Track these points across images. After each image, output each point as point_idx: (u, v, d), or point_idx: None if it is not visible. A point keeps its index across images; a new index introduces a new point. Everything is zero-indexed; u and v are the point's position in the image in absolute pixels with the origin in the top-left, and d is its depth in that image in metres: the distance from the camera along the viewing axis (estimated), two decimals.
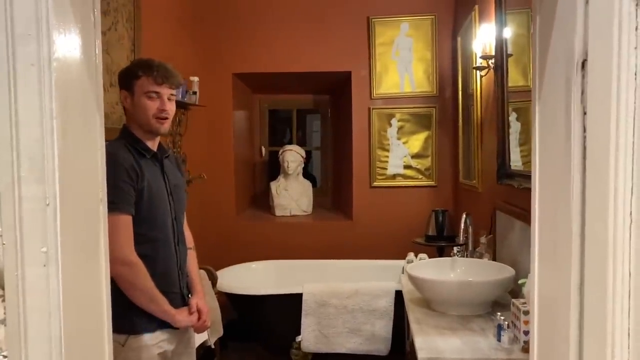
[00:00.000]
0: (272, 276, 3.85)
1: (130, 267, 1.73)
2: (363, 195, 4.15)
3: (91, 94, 1.00)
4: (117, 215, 1.70)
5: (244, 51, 4.13)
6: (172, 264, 1.92)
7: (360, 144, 4.14)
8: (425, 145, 4.12)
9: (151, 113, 1.83)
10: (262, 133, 4.96)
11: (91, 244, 0.99)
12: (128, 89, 1.85)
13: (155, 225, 1.85)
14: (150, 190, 1.82)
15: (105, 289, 1.04)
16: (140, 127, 1.87)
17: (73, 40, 0.94)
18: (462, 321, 2.03)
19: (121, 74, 1.90)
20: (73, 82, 0.94)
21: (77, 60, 0.95)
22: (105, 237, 1.03)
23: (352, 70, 4.12)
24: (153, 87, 1.82)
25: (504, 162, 2.55)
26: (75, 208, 0.93)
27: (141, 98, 1.82)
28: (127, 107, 1.88)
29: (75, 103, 0.95)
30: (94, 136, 1.01)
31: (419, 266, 2.37)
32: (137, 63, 1.90)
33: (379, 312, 3.20)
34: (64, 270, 0.89)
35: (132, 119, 1.88)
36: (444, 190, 4.11)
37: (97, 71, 1.01)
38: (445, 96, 4.10)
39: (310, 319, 3.19)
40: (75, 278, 0.93)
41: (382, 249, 4.02)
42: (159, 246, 1.87)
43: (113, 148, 1.80)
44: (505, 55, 2.54)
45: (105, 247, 1.03)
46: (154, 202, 1.83)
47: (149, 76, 1.81)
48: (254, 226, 4.24)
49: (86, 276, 0.98)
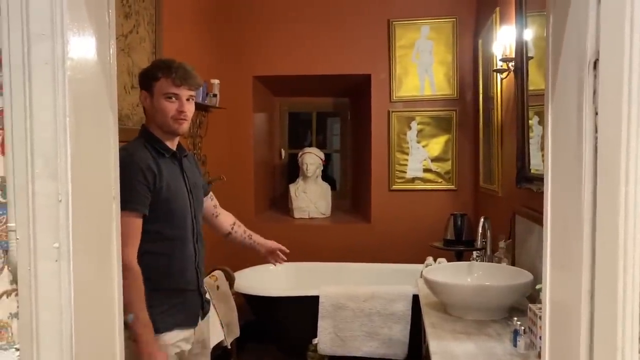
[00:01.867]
0: (289, 278, 3.85)
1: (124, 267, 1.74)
2: (382, 199, 4.14)
3: (105, 93, 1.01)
4: (126, 213, 1.73)
5: (264, 54, 4.16)
6: (190, 262, 1.93)
7: (379, 147, 4.13)
8: (446, 148, 4.09)
9: (170, 114, 1.85)
10: (281, 135, 4.99)
11: (103, 240, 1.01)
12: (148, 90, 1.87)
13: (173, 223, 1.87)
14: (169, 189, 1.84)
15: (117, 285, 1.05)
16: (159, 127, 1.89)
17: (87, 40, 0.96)
18: (478, 326, 2.00)
19: (141, 74, 1.92)
20: (87, 81, 0.95)
21: (91, 59, 0.97)
22: (117, 235, 1.05)
23: (372, 73, 4.11)
24: (172, 89, 1.83)
25: (524, 166, 2.52)
26: (87, 205, 0.95)
27: (160, 99, 1.84)
28: (146, 108, 1.90)
29: (89, 102, 0.96)
30: (107, 135, 1.02)
31: (436, 270, 2.35)
32: (157, 64, 1.92)
33: (396, 316, 3.17)
34: (75, 266, 0.91)
35: (151, 119, 1.91)
36: (464, 194, 4.07)
37: (111, 71, 1.03)
38: (466, 99, 4.06)
39: (327, 322, 3.19)
40: (87, 274, 0.95)
41: (400, 252, 4.00)
42: (177, 244, 1.89)
43: (131, 148, 1.83)
44: (526, 57, 2.51)
45: (117, 244, 1.05)
46: (173, 201, 1.85)
47: (167, 78, 1.83)
48: (273, 228, 4.25)
49: (98, 272, 0.99)
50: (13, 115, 0.88)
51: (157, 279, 1.78)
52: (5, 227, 0.90)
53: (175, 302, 1.86)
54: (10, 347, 0.90)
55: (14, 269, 0.90)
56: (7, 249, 0.90)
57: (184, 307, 1.90)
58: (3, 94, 0.89)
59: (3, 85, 0.89)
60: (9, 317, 0.91)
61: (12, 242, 0.89)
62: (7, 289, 0.91)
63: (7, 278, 0.90)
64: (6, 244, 0.90)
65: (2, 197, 0.89)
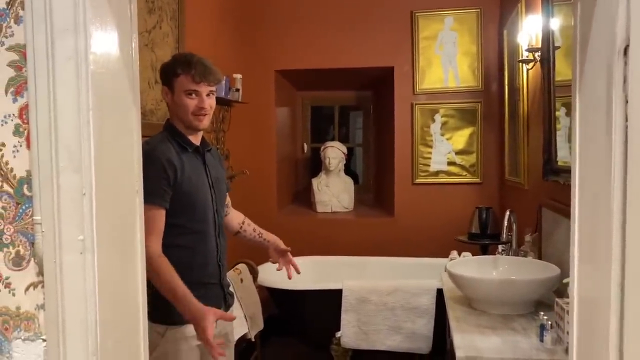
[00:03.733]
0: (312, 272, 3.85)
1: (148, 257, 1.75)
2: (405, 192, 4.11)
3: (127, 87, 1.02)
4: (147, 207, 1.75)
5: (286, 48, 4.15)
6: (212, 256, 1.94)
7: (402, 140, 4.10)
8: (470, 141, 4.04)
9: (190, 111, 1.85)
10: (304, 130, 4.98)
11: (127, 233, 1.02)
12: (168, 86, 1.88)
13: (195, 217, 1.88)
14: (191, 183, 1.85)
15: (141, 277, 1.06)
16: (182, 122, 1.90)
17: (109, 35, 0.96)
18: (504, 320, 1.98)
19: (162, 70, 1.93)
20: (109, 75, 0.96)
21: (113, 54, 0.98)
22: (141, 228, 1.06)
23: (395, 66, 4.07)
24: (192, 85, 1.83)
25: (550, 158, 2.47)
26: (110, 198, 0.96)
27: (180, 96, 1.84)
28: (168, 103, 1.92)
29: (112, 96, 0.97)
30: (130, 128, 1.03)
31: (460, 264, 2.33)
32: (177, 60, 1.91)
33: (419, 310, 3.15)
34: (99, 258, 0.92)
35: (173, 114, 1.92)
36: (489, 187, 4.02)
37: (133, 64, 1.04)
38: (491, 91, 4.00)
39: (350, 315, 3.18)
40: (111, 266, 0.96)
41: (424, 246, 3.97)
42: (199, 238, 1.90)
43: (153, 141, 1.85)
44: (552, 47, 2.46)
45: (141, 237, 1.06)
46: (194, 195, 1.87)
47: (187, 74, 1.82)
48: (295, 222, 4.27)
49: (122, 264, 1.00)
50: (37, 109, 0.89)
51: (179, 272, 1.79)
52: (31, 220, 0.91)
53: (196, 295, 1.86)
54: (37, 338, 0.92)
55: (40, 261, 0.91)
56: (33, 241, 0.91)
57: (206, 300, 1.90)
58: (27, 89, 0.90)
59: (27, 80, 0.90)
60: (36, 309, 0.92)
61: (38, 235, 0.90)
62: (34, 280, 0.92)
63: (34, 270, 0.92)
64: (32, 236, 0.91)
65: (28, 191, 0.91)
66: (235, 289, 2.74)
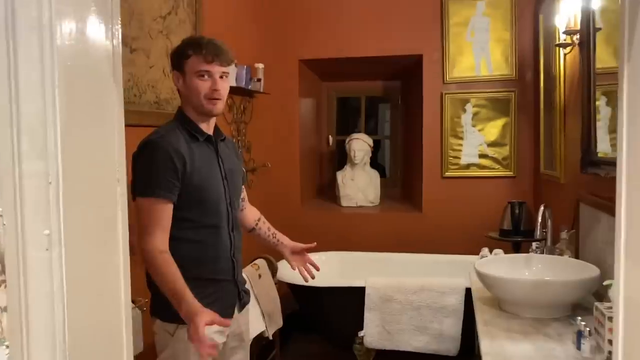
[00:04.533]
0: (335, 268, 3.73)
1: (145, 254, 1.66)
2: (434, 186, 3.94)
3: (106, 63, 0.91)
4: (146, 199, 1.67)
5: (310, 36, 4.02)
6: (224, 251, 1.84)
7: (431, 132, 3.93)
8: (503, 132, 3.84)
9: (203, 93, 1.75)
10: (329, 121, 4.85)
11: (105, 226, 0.91)
12: (179, 70, 1.79)
13: (206, 210, 1.78)
14: (201, 175, 1.75)
15: (124, 277, 0.95)
16: (194, 109, 1.80)
17: (83, 4, 0.85)
18: (537, 325, 1.82)
19: (172, 54, 1.84)
20: (82, 50, 0.85)
21: (87, 26, 0.87)
22: (124, 221, 0.95)
23: (424, 54, 3.90)
24: (203, 65, 1.74)
25: (589, 149, 2.28)
26: (84, 188, 0.85)
27: (192, 78, 1.75)
28: (179, 89, 1.82)
29: (85, 74, 0.86)
30: (109, 112, 0.92)
31: (489, 262, 2.17)
32: (187, 42, 1.82)
33: (447, 309, 3.00)
34: (68, 255, 0.81)
35: (185, 100, 1.82)
36: (523, 181, 3.81)
37: (113, 40, 0.93)
38: (525, 79, 3.79)
39: (374, 314, 3.05)
40: (84, 263, 0.86)
41: (454, 243, 3.80)
42: (211, 232, 1.80)
43: (162, 130, 1.76)
44: (593, 29, 2.26)
45: (124, 231, 0.95)
46: (205, 187, 1.77)
47: (198, 55, 1.74)
48: (319, 216, 4.15)
49: (98, 261, 0.90)
50: None
51: (188, 268, 1.69)
52: None
53: (207, 292, 1.77)
54: (0, 344, 0.82)
55: (1, 257, 0.81)
56: None
57: (217, 297, 1.81)
58: None
59: None
60: None
61: None
62: None
63: None
64: None
65: None
66: (253, 285, 2.64)
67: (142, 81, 2.35)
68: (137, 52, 2.30)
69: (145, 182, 1.68)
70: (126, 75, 2.23)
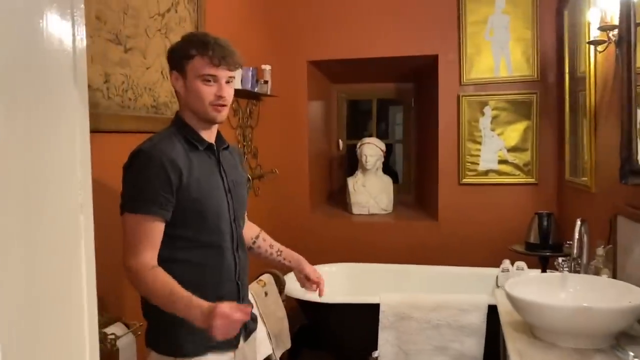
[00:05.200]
0: (346, 281, 3.52)
1: (129, 273, 1.48)
2: (450, 193, 3.72)
3: (64, 62, 0.71)
4: (135, 215, 1.47)
5: (320, 36, 3.83)
6: (229, 274, 1.64)
7: (447, 136, 3.71)
8: (524, 136, 3.62)
9: (207, 100, 1.56)
10: (339, 125, 4.65)
11: (61, 275, 0.71)
12: (179, 70, 1.58)
13: (206, 227, 1.58)
14: (200, 188, 1.55)
15: (88, 319, 0.75)
16: (195, 115, 1.60)
17: None
18: (578, 356, 1.60)
19: (171, 52, 1.63)
20: (18, 39, 0.65)
21: (41, 17, 0.67)
22: (89, 261, 0.75)
23: (439, 54, 3.69)
24: (209, 69, 1.54)
25: (630, 157, 2.05)
26: (23, 224, 0.65)
27: (195, 82, 1.56)
28: (178, 91, 1.62)
29: (24, 71, 0.66)
30: (69, 120, 0.72)
31: (520, 284, 1.94)
32: (190, 40, 1.61)
33: (468, 329, 2.78)
34: (7, 301, 0.61)
35: (184, 104, 1.62)
36: (546, 188, 3.59)
37: (74, 29, 0.73)
38: (548, 80, 3.57)
39: (389, 333, 2.84)
40: (25, 312, 0.66)
41: (472, 254, 3.58)
42: (212, 253, 1.60)
43: (155, 138, 1.56)
44: (634, 24, 2.04)
45: (89, 276, 0.75)
46: (205, 202, 1.56)
47: (203, 56, 1.54)
48: (329, 225, 3.94)
49: (53, 299, 0.70)
50: None
51: None
52: None
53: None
54: None
55: None
56: None
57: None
58: None
59: None
60: None
61: None
62: None
63: None
64: None
65: None
66: (258, 304, 2.44)
67: (138, 83, 2.16)
68: (132, 51, 2.11)
69: (134, 197, 1.49)
70: (120, 77, 2.04)
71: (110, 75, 1.97)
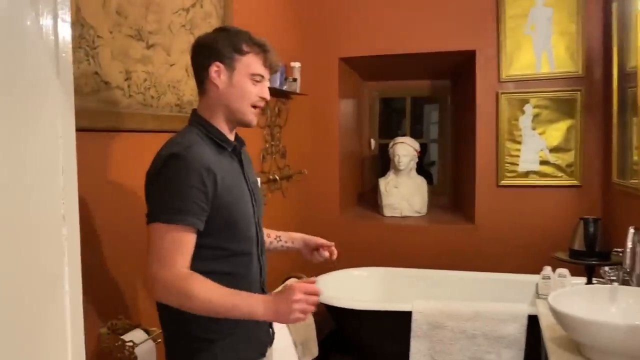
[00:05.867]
0: (377, 286, 3.39)
1: (158, 285, 1.34)
2: (488, 196, 3.55)
3: (45, 58, 0.62)
4: (169, 226, 1.34)
5: (351, 32, 3.70)
6: (255, 281, 1.55)
7: (485, 136, 3.54)
8: (568, 136, 3.42)
9: (251, 99, 1.49)
10: (371, 124, 4.52)
11: (42, 295, 0.62)
12: (226, 64, 1.48)
13: (237, 235, 1.48)
14: (231, 193, 1.44)
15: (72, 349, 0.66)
16: (228, 113, 1.50)
17: None
18: None
19: (215, 42, 1.50)
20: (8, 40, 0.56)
21: (17, 10, 0.57)
22: (72, 275, 0.66)
23: (477, 49, 3.52)
24: (262, 69, 1.50)
25: None
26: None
27: (244, 79, 1.48)
28: (216, 84, 1.48)
29: (11, 70, 0.57)
30: (50, 118, 0.63)
31: (565, 296, 1.79)
32: (238, 35, 1.50)
33: (506, 340, 2.62)
34: None
35: (218, 100, 1.50)
36: (591, 191, 3.38)
37: (57, 25, 0.64)
38: (593, 77, 3.36)
39: (421, 342, 2.70)
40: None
41: (511, 260, 3.41)
42: (242, 261, 1.50)
43: (185, 140, 1.43)
44: None
45: (74, 296, 0.65)
46: (237, 208, 1.46)
47: (258, 55, 1.49)
48: (359, 228, 3.82)
49: (29, 337, 0.61)
50: None
51: None
52: None
53: (239, 331, 1.47)
54: None
55: None
56: None
57: (249, 336, 1.51)
58: None
59: None
60: None
61: None
62: None
63: None
64: None
65: None
66: None
67: (161, 81, 2.09)
68: (154, 48, 2.04)
69: (168, 206, 1.35)
70: (142, 74, 1.97)
71: (131, 73, 1.90)
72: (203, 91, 1.54)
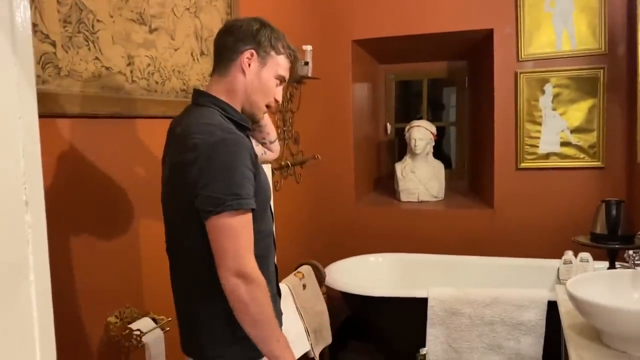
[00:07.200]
0: (393, 272, 3.34)
1: (246, 280, 1.27)
2: (507, 179, 3.46)
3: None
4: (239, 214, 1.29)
5: (365, 13, 3.62)
6: (273, 259, 1.55)
7: (504, 117, 3.44)
8: (590, 116, 3.29)
9: (269, 99, 1.49)
10: (387, 108, 4.43)
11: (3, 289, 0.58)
12: (259, 54, 1.45)
13: (267, 216, 1.48)
14: (260, 172, 1.42)
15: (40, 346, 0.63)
16: (243, 101, 1.47)
17: None
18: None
19: (258, 32, 1.46)
20: None
21: None
22: (38, 267, 0.62)
23: (495, 28, 3.41)
24: (287, 73, 1.52)
25: None
26: None
27: (271, 77, 1.47)
28: (244, 71, 1.44)
29: None
30: (8, 97, 0.59)
31: (585, 282, 1.72)
32: (277, 34, 1.49)
33: (525, 326, 2.55)
34: None
35: (240, 87, 1.45)
36: (614, 173, 3.26)
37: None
38: (617, 53, 3.23)
39: (438, 330, 2.65)
40: None
41: (530, 245, 3.32)
42: (269, 241, 1.50)
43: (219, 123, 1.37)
44: None
45: (39, 282, 0.62)
46: (264, 188, 1.45)
47: (288, 58, 1.50)
48: (375, 213, 3.76)
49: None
50: None
51: None
52: None
53: None
54: None
55: None
56: None
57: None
58: None
59: None
60: None
61: None
62: None
63: None
64: None
65: None
66: (296, 298, 2.30)
67: (166, 66, 2.05)
68: (158, 32, 1.99)
69: (232, 193, 1.29)
70: (145, 59, 1.93)
71: (134, 58, 1.87)
72: (224, 73, 1.47)
